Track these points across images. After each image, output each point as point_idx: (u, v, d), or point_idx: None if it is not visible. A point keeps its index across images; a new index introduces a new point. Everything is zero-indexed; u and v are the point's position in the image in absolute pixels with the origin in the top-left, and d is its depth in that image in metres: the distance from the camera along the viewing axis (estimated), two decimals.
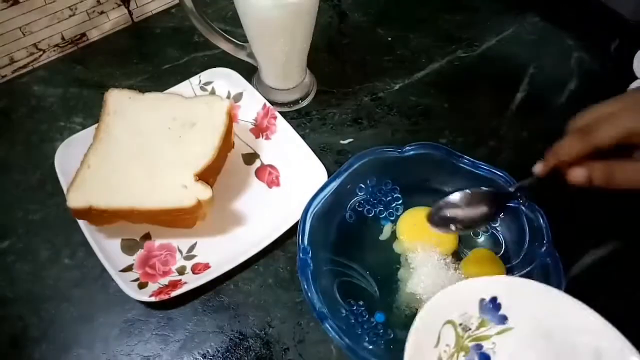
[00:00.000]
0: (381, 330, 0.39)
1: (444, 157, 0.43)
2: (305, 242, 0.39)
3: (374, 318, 0.39)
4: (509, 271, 0.41)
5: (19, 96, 0.54)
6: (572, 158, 0.34)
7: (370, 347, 0.37)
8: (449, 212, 0.38)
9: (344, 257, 0.42)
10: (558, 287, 0.36)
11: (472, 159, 0.43)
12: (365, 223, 0.44)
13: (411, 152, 0.43)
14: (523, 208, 0.41)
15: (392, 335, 0.39)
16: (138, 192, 0.41)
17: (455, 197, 0.38)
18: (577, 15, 0.60)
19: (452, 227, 0.38)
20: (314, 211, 0.41)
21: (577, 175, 0.34)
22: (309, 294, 0.37)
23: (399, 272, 0.42)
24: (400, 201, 0.45)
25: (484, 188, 0.39)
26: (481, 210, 0.38)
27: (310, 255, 0.39)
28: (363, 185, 0.44)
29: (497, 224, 0.43)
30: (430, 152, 0.44)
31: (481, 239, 0.43)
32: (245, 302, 0.41)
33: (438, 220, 0.39)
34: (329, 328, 0.36)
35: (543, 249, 0.39)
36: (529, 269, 0.40)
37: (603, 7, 0.56)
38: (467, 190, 0.38)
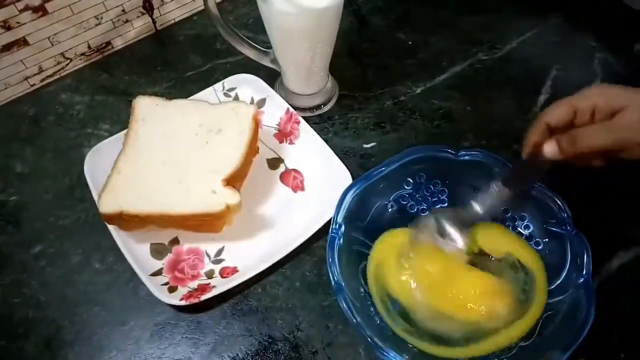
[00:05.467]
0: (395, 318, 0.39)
1: (498, 168, 0.42)
2: (340, 218, 0.40)
3: (390, 305, 0.40)
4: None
5: (47, 104, 0.56)
6: (592, 149, 0.36)
7: (382, 324, 0.38)
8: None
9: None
10: (586, 319, 0.35)
11: None
12: (405, 217, 0.44)
13: (466, 157, 0.43)
14: (570, 236, 0.39)
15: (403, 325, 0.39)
16: (168, 197, 0.42)
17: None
18: (600, 16, 0.60)
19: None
20: (357, 191, 0.41)
21: (550, 149, 0.37)
22: (331, 267, 0.38)
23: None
24: (446, 204, 0.45)
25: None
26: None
27: (342, 230, 0.39)
28: (411, 180, 0.44)
29: (540, 247, 0.41)
30: (486, 161, 0.43)
31: None
32: (273, 306, 0.42)
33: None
34: (342, 301, 0.36)
35: (581, 280, 0.37)
36: (561, 297, 0.38)
37: (626, 7, 0.55)
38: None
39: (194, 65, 0.58)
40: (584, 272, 0.37)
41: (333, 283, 0.37)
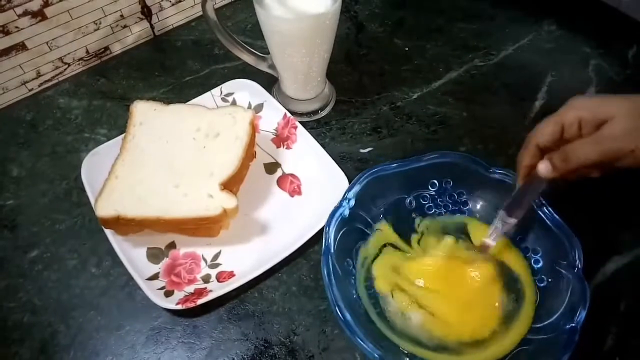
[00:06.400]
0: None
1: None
2: (351, 194, 0.41)
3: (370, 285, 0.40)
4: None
5: (45, 108, 0.56)
6: (584, 163, 0.36)
7: (358, 300, 0.39)
8: None
9: None
10: None
11: (551, 210, 0.40)
12: (419, 215, 0.44)
13: (496, 176, 0.42)
14: (574, 282, 0.37)
15: (377, 309, 0.39)
16: (165, 201, 0.42)
17: None
18: (594, 22, 0.61)
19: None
20: (376, 173, 0.41)
21: (543, 168, 0.37)
22: (328, 231, 0.39)
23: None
24: (465, 215, 0.44)
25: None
26: None
27: (350, 205, 0.40)
28: (437, 182, 0.44)
29: (543, 284, 0.40)
30: (514, 183, 0.41)
31: None
32: (269, 310, 0.42)
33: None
34: (323, 263, 0.37)
35: (567, 326, 0.35)
36: (542, 337, 0.37)
37: (620, 14, 0.56)
38: None
39: (191, 70, 0.59)
40: (574, 321, 0.35)
41: (323, 246, 0.38)
